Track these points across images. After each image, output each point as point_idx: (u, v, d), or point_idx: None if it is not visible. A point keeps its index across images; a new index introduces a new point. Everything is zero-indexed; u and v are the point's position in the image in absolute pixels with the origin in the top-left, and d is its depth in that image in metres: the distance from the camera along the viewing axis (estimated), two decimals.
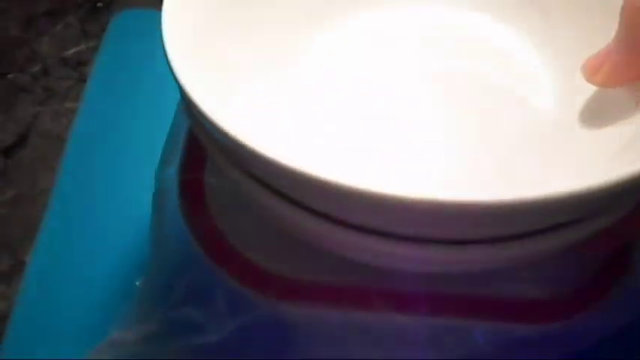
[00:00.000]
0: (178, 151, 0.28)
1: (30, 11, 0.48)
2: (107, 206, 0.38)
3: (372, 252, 0.22)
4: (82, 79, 0.44)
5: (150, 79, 0.44)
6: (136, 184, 0.38)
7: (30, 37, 0.47)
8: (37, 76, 0.45)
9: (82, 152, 0.41)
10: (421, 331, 0.26)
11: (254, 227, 0.26)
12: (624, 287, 0.26)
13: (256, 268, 0.25)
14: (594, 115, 0.27)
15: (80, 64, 0.46)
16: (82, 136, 0.41)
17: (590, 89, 0.27)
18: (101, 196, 0.38)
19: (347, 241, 0.21)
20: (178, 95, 0.30)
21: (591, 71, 0.25)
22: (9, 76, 0.45)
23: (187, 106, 0.22)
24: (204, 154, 0.27)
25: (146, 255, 0.29)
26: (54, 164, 0.40)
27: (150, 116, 0.42)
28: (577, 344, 0.27)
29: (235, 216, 0.26)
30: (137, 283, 0.27)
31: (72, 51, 0.47)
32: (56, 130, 0.43)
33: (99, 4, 0.49)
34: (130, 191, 0.38)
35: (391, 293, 0.25)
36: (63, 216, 0.38)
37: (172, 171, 0.27)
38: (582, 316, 0.26)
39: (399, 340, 0.26)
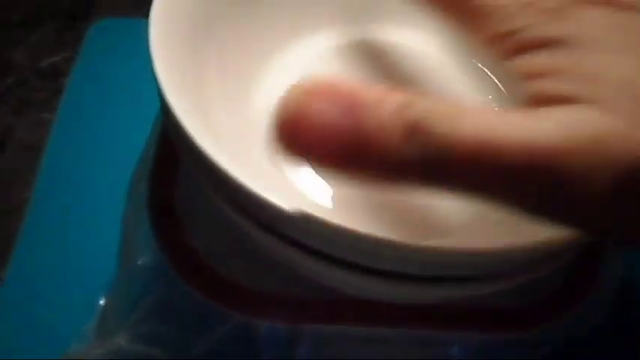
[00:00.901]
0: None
1: (4, 20, 0.48)
2: (82, 220, 0.37)
3: (341, 282, 0.22)
4: (59, 90, 0.44)
5: (127, 90, 0.44)
6: (112, 196, 0.38)
7: (4, 47, 0.46)
8: (12, 87, 0.45)
9: (58, 164, 0.40)
10: (396, 343, 0.26)
11: (224, 242, 0.25)
12: (588, 300, 0.26)
13: (225, 283, 0.25)
14: None
15: (56, 75, 0.46)
16: (58, 147, 0.41)
17: None
18: (76, 209, 0.38)
19: (313, 269, 0.21)
20: (155, 107, 0.30)
21: None
22: None
23: (175, 131, 0.21)
24: (175, 169, 0.27)
25: (115, 269, 0.28)
26: (29, 177, 0.40)
27: (127, 127, 0.42)
28: (543, 351, 0.27)
29: (206, 231, 0.26)
30: (100, 300, 0.27)
31: (48, 61, 0.46)
32: (32, 141, 0.42)
33: (75, 13, 0.49)
34: (106, 204, 0.37)
35: (364, 306, 0.25)
36: (38, 230, 0.38)
37: (144, 186, 0.27)
38: (549, 325, 0.26)
39: (372, 351, 0.26)
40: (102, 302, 0.29)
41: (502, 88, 0.31)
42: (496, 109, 0.16)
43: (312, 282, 0.23)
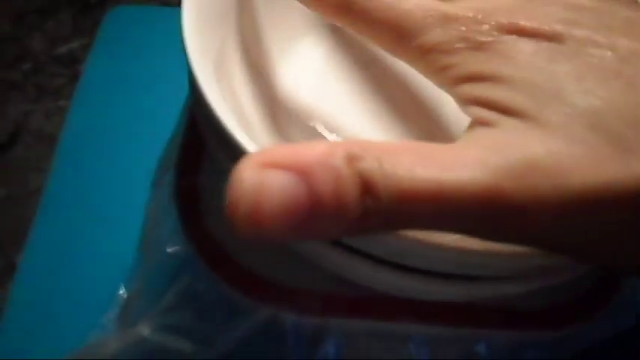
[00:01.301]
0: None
1: (21, 8, 0.48)
2: (98, 208, 0.37)
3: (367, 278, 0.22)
4: (75, 77, 0.44)
5: (144, 77, 0.44)
6: (128, 185, 0.38)
7: (21, 34, 0.46)
8: (29, 74, 0.44)
9: (74, 152, 0.40)
10: (422, 339, 0.26)
11: None
12: (613, 302, 0.26)
13: (253, 275, 0.24)
14: None
15: (73, 62, 0.45)
16: (74, 135, 0.41)
17: None
18: (92, 197, 0.38)
19: (341, 264, 0.21)
20: (174, 93, 0.30)
21: None
22: None
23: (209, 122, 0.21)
24: (201, 158, 0.27)
25: (135, 259, 0.28)
26: (45, 164, 0.39)
27: (144, 115, 0.42)
28: (569, 352, 0.27)
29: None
30: (120, 290, 0.27)
31: (64, 48, 0.46)
32: (48, 129, 0.42)
33: (92, 0, 0.49)
34: (122, 192, 0.37)
35: (390, 301, 0.25)
36: (53, 217, 0.37)
37: (170, 177, 0.27)
38: (575, 326, 0.26)
39: (398, 346, 0.25)
40: (121, 292, 0.28)
41: None
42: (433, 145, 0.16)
43: (339, 276, 0.23)
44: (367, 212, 0.15)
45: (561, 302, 0.26)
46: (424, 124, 0.28)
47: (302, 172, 0.15)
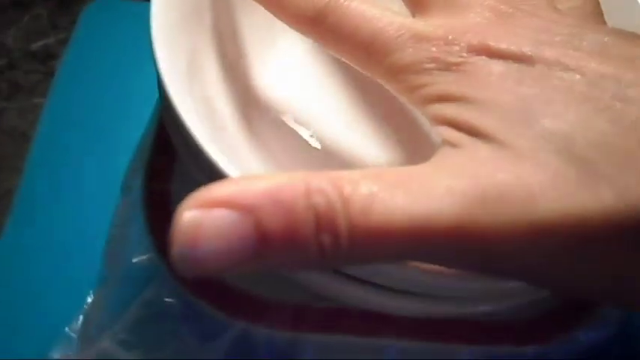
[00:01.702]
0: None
1: None
2: (71, 209, 0.36)
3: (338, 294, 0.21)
4: (50, 74, 0.42)
5: (121, 74, 0.43)
6: (103, 186, 0.36)
7: None
8: (3, 70, 0.43)
9: (48, 151, 0.39)
10: (397, 353, 0.25)
11: None
12: (598, 313, 0.25)
13: (224, 287, 0.23)
14: None
15: (48, 58, 0.44)
16: (48, 133, 0.40)
17: None
18: (66, 198, 0.37)
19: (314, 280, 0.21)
20: (150, 92, 0.29)
21: None
22: None
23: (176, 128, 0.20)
24: (172, 162, 0.26)
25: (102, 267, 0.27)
26: (18, 163, 0.38)
27: (120, 114, 0.40)
28: None
29: None
30: (88, 298, 0.25)
31: (40, 44, 0.45)
32: (22, 127, 0.41)
33: None
34: (96, 194, 0.36)
35: (364, 315, 0.24)
36: (26, 218, 0.36)
37: (139, 181, 0.26)
38: (559, 338, 0.25)
39: None
40: (89, 300, 0.27)
41: None
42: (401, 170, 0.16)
43: (312, 290, 0.22)
44: (324, 250, 0.14)
45: (544, 314, 0.25)
46: (401, 122, 0.28)
47: (247, 209, 0.14)
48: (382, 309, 0.22)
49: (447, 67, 0.17)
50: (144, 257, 0.24)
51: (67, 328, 0.26)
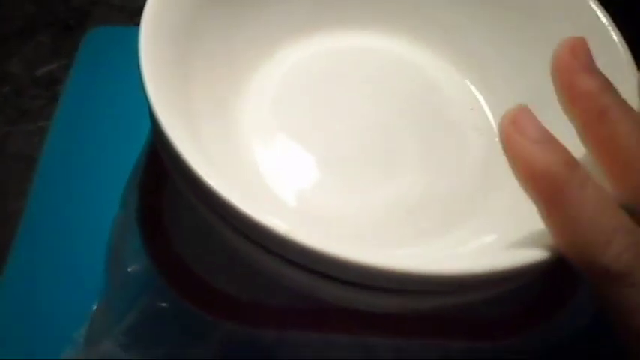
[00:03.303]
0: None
1: (0, 30, 0.48)
2: (77, 229, 0.38)
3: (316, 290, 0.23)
4: (54, 98, 0.44)
5: (122, 97, 0.44)
6: (107, 205, 0.38)
7: (1, 57, 0.47)
8: (9, 96, 0.45)
9: (54, 173, 0.41)
10: (377, 350, 0.27)
11: (212, 252, 0.26)
12: (569, 306, 0.27)
13: (212, 291, 0.25)
14: None
15: (52, 83, 0.46)
16: (53, 156, 0.41)
17: None
18: (71, 218, 0.38)
19: (294, 279, 0.22)
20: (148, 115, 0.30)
21: None
22: None
23: (162, 145, 0.22)
24: (163, 179, 0.28)
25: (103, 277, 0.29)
26: (25, 186, 0.40)
27: (123, 136, 0.42)
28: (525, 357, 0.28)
29: (194, 240, 0.27)
30: (94, 306, 0.27)
31: (44, 70, 0.47)
32: (27, 150, 0.43)
33: (70, 22, 0.50)
34: (100, 213, 0.38)
35: (347, 314, 0.25)
36: (33, 239, 0.38)
37: (135, 197, 0.28)
38: (531, 332, 0.27)
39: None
40: (94, 308, 0.29)
41: (481, 100, 0.32)
42: None
43: (296, 291, 0.24)
44: None
45: (515, 308, 0.27)
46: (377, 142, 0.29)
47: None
48: (362, 306, 0.24)
49: None
50: (139, 266, 0.26)
51: (74, 334, 0.28)
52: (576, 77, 0.22)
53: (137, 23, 0.25)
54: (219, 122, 0.27)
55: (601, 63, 0.27)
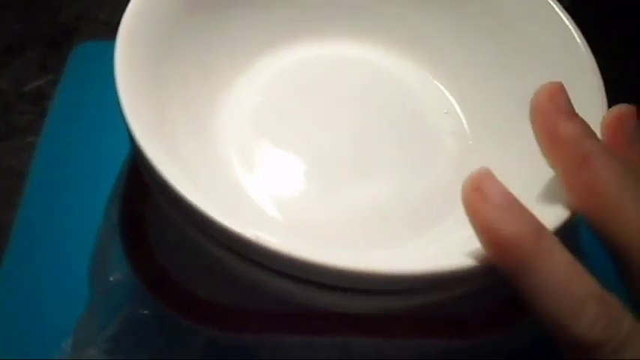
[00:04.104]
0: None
1: None
2: (66, 239, 0.38)
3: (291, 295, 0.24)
4: (42, 114, 0.45)
5: (110, 112, 0.45)
6: (94, 217, 0.39)
7: None
8: None
9: (43, 187, 0.41)
10: (355, 351, 0.27)
11: (192, 260, 0.27)
12: None
13: (193, 299, 0.26)
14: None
15: (40, 99, 0.47)
16: (42, 170, 0.42)
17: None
18: (60, 229, 0.39)
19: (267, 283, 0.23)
20: None
21: None
22: None
23: (141, 163, 0.23)
24: (145, 189, 0.28)
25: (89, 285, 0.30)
26: (15, 199, 0.41)
27: (109, 149, 0.43)
28: (507, 352, 0.29)
29: (174, 249, 0.27)
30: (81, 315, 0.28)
31: (31, 85, 0.48)
32: (17, 165, 0.43)
33: (58, 38, 0.51)
34: (88, 224, 0.39)
35: (330, 317, 0.26)
36: (24, 249, 0.39)
37: (116, 207, 0.28)
38: (512, 327, 0.27)
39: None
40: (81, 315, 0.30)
41: (454, 104, 0.32)
42: None
43: (274, 296, 0.25)
44: None
45: (494, 304, 0.27)
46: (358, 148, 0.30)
47: None
48: (336, 308, 0.24)
49: None
50: (122, 275, 0.27)
51: (63, 343, 0.29)
52: (557, 123, 0.21)
53: None
54: (197, 134, 0.28)
55: (565, 65, 0.27)
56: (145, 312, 0.26)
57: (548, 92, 0.22)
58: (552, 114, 0.22)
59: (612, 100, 0.25)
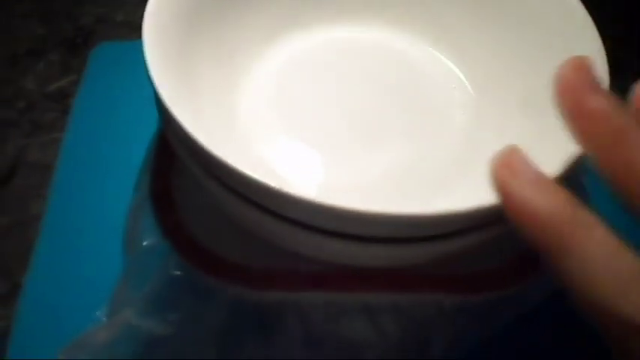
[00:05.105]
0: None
1: (13, 51, 0.51)
2: (94, 227, 0.40)
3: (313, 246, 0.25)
4: (66, 111, 0.47)
5: (128, 105, 0.47)
6: (120, 205, 0.41)
7: (14, 76, 0.50)
8: (24, 111, 0.48)
9: (69, 179, 0.43)
10: (383, 307, 0.29)
11: (218, 224, 0.28)
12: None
13: (221, 260, 0.27)
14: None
15: (63, 97, 0.49)
16: (68, 164, 0.44)
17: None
18: (88, 217, 0.41)
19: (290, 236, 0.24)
20: (152, 119, 0.33)
21: None
22: None
23: (167, 123, 0.24)
24: (172, 161, 0.30)
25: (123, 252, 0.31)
26: (43, 191, 0.43)
27: (130, 140, 0.45)
28: (530, 305, 0.30)
29: (202, 215, 0.29)
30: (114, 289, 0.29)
31: (55, 85, 0.49)
32: (44, 159, 0.45)
33: (78, 40, 0.53)
34: (114, 212, 0.40)
35: (349, 274, 0.28)
36: (54, 239, 0.40)
37: (147, 178, 0.30)
38: (534, 280, 0.29)
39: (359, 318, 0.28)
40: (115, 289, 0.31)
41: (463, 78, 0.34)
42: None
43: (296, 255, 0.26)
44: None
45: (515, 258, 0.29)
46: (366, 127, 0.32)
47: None
48: (360, 261, 0.26)
49: None
50: (153, 240, 0.28)
51: (97, 312, 0.30)
52: (584, 97, 0.20)
53: (139, 37, 0.28)
54: (220, 106, 0.30)
55: (566, 37, 0.28)
56: (177, 273, 0.27)
57: (573, 66, 0.20)
58: (578, 88, 0.20)
59: (620, 84, 0.24)
